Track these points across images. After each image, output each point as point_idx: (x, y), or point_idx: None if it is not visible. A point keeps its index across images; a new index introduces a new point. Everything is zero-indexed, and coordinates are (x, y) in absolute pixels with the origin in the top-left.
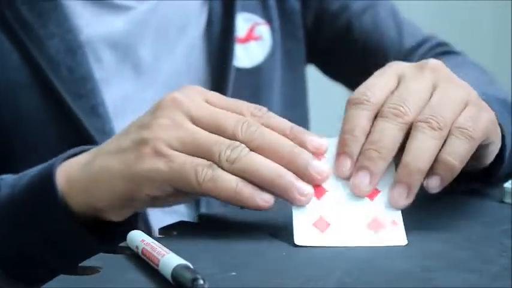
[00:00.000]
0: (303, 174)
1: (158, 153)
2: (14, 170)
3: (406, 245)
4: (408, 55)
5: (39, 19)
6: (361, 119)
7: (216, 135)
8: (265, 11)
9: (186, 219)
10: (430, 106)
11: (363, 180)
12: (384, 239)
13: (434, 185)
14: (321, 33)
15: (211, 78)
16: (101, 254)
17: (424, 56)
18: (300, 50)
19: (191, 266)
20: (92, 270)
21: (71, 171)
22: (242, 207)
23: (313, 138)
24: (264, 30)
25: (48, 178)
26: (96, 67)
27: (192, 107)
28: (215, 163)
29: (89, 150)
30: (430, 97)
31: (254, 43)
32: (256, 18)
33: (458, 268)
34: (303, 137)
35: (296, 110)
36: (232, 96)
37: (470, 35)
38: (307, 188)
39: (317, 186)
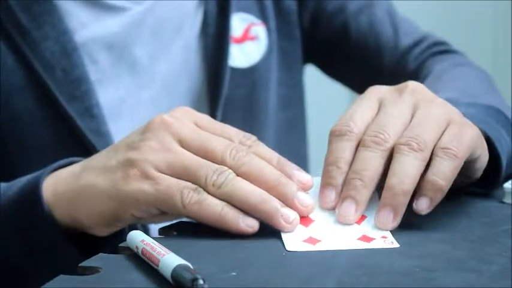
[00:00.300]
0: (288, 205)
1: (145, 175)
2: (10, 171)
3: (406, 245)
4: (405, 54)
5: (34, 21)
6: (345, 151)
7: (203, 160)
8: (261, 11)
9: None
10: (410, 128)
11: (349, 209)
12: (376, 246)
13: (423, 206)
14: (317, 33)
15: (207, 78)
16: (101, 254)
17: (420, 55)
18: (297, 50)
19: (191, 266)
20: (92, 270)
21: (58, 183)
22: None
23: (300, 173)
24: (260, 30)
25: (34, 189)
26: (91, 68)
27: (181, 130)
28: (201, 187)
29: (78, 162)
30: (411, 119)
31: (250, 43)
32: (252, 19)
33: (458, 268)
34: (289, 169)
35: (292, 110)
36: (228, 97)
37: (470, 35)
38: (292, 215)
39: (304, 217)
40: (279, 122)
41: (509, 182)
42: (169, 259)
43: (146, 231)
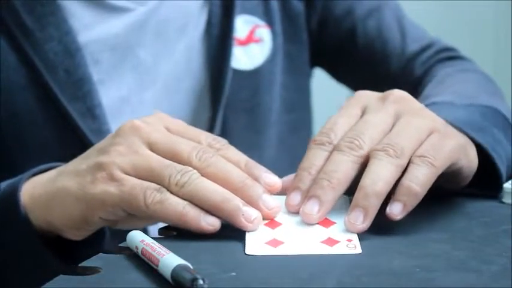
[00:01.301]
0: (253, 207)
1: (111, 178)
2: (10, 170)
3: (406, 245)
4: (412, 59)
5: (37, 22)
6: (319, 158)
7: (169, 161)
8: (267, 13)
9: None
10: (389, 136)
11: (312, 208)
12: (338, 251)
13: (397, 211)
14: (325, 37)
15: (209, 79)
16: (101, 254)
17: (428, 61)
18: (303, 53)
19: (191, 266)
20: (92, 270)
21: (36, 187)
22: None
23: (267, 175)
24: (264, 32)
25: (13, 192)
26: (94, 69)
27: (151, 134)
28: (165, 187)
29: (56, 167)
30: (392, 128)
31: (254, 45)
32: (257, 21)
33: (457, 268)
34: (257, 172)
35: (297, 113)
36: (231, 99)
37: (471, 35)
38: (254, 213)
39: (272, 220)
40: (283, 125)
41: (509, 182)
42: (169, 259)
43: (145, 231)
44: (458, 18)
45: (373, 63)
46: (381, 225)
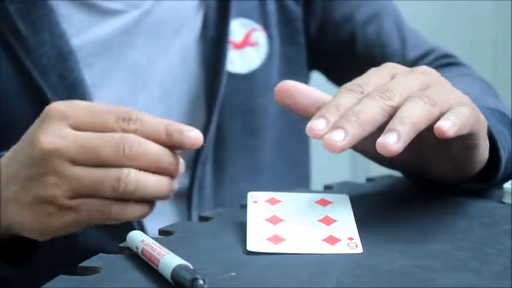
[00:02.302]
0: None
1: (62, 208)
2: None
3: (406, 245)
4: (411, 66)
5: (31, 28)
6: (349, 100)
7: (99, 173)
8: (263, 16)
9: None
10: (422, 92)
11: (338, 135)
12: (340, 250)
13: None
14: (324, 42)
15: (204, 81)
16: (101, 254)
17: None
18: (301, 56)
19: (191, 266)
20: (92, 270)
21: None
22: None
23: (187, 133)
24: (260, 36)
25: None
26: (88, 72)
27: (65, 150)
28: (112, 197)
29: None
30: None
31: (250, 49)
32: (254, 24)
33: (457, 268)
34: (178, 136)
35: (294, 116)
36: (226, 102)
37: (470, 36)
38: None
39: (273, 216)
40: (280, 127)
41: (509, 182)
42: (169, 259)
43: (145, 232)
44: (458, 18)
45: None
46: (381, 225)
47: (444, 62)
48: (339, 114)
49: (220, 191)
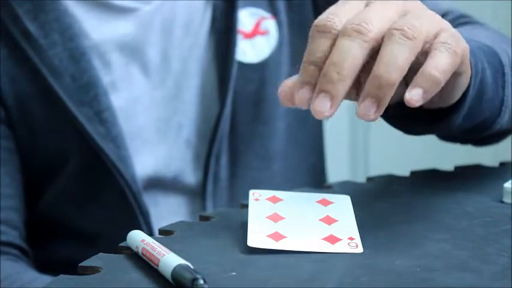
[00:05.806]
0: None
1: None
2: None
3: (406, 245)
4: None
5: (42, 30)
6: (324, 48)
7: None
8: (271, 3)
9: (187, 219)
10: (404, 18)
11: (323, 103)
12: (340, 249)
13: (417, 97)
14: None
15: (217, 74)
16: (101, 254)
17: None
18: None
19: (191, 266)
20: (92, 270)
21: None
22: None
23: None
24: (270, 24)
25: None
26: (104, 71)
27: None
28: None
29: None
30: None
31: (260, 38)
32: (262, 12)
33: (458, 268)
34: None
35: None
36: (238, 92)
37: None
38: None
39: (274, 214)
40: (291, 116)
41: (509, 182)
42: (169, 259)
43: (151, 232)
44: None
45: None
46: (382, 225)
47: (462, 21)
48: (318, 71)
49: (235, 181)
